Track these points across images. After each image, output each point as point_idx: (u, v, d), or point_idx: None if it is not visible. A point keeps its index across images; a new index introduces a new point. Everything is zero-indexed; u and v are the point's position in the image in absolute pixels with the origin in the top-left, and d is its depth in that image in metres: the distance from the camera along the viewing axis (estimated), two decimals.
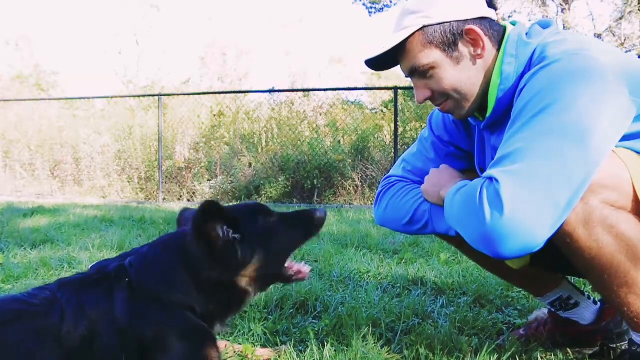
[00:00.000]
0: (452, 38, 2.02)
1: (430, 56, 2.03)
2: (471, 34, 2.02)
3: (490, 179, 1.73)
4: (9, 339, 1.86)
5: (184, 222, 2.31)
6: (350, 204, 12.08)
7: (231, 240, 2.05)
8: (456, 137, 2.45)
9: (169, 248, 2.14)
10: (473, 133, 2.39)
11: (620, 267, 1.84)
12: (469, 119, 2.27)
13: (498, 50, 2.07)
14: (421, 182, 2.40)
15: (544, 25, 2.10)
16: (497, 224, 1.66)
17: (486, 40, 2.04)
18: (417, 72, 2.09)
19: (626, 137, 1.88)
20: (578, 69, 1.77)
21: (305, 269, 2.23)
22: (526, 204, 1.65)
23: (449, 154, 2.47)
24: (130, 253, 2.21)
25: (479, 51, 2.04)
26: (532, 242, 1.67)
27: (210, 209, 2.01)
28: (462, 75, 2.05)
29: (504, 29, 2.11)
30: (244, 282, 2.10)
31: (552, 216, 1.68)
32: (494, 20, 2.11)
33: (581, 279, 3.00)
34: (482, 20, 2.06)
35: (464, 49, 2.04)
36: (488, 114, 2.11)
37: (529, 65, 1.98)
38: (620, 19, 18.51)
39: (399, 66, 2.21)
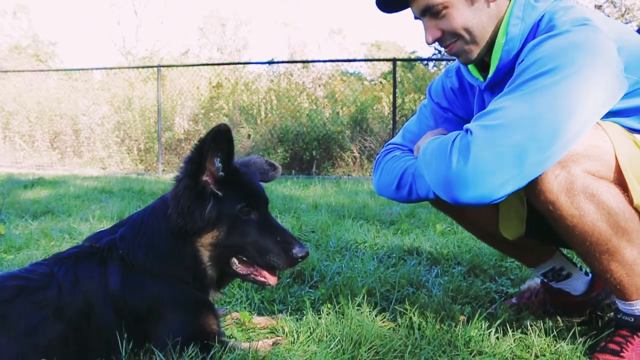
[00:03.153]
0: None
1: None
2: None
3: (467, 130, 1.78)
4: (12, 314, 1.90)
5: None
6: (348, 175, 12.10)
7: (211, 190, 2.05)
8: (454, 103, 2.47)
9: (155, 211, 2.16)
10: (470, 99, 2.41)
11: (601, 234, 1.88)
12: (471, 78, 2.27)
13: (509, 0, 2.06)
14: None
15: None
16: (460, 171, 1.72)
17: None
18: (430, 12, 2.05)
19: (614, 114, 1.92)
20: (582, 41, 1.79)
21: (271, 279, 2.14)
22: (490, 157, 1.69)
23: (446, 119, 2.49)
24: (124, 222, 2.24)
25: None
26: (489, 194, 1.72)
27: (222, 134, 1.97)
28: (475, 16, 2.03)
29: None
30: (202, 250, 2.08)
31: (512, 173, 1.71)
32: None
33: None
34: None
35: None
36: (490, 74, 2.12)
37: (535, 30, 1.99)
38: None
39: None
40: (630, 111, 1.96)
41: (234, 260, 2.11)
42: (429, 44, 2.13)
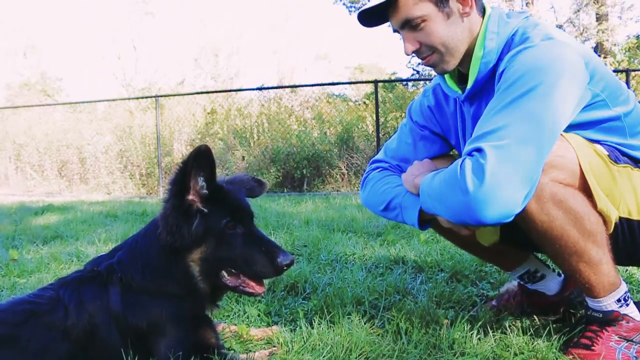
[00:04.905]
0: None
1: (423, 9, 2.03)
2: None
3: (473, 151, 1.77)
4: (25, 337, 1.90)
5: None
6: (337, 190, 12.11)
7: (197, 207, 2.03)
8: (430, 120, 2.50)
9: (148, 233, 2.15)
10: (446, 114, 2.44)
11: (569, 237, 1.91)
12: (450, 91, 2.30)
13: (482, 17, 2.12)
14: (400, 166, 2.45)
15: (519, 12, 2.18)
16: (477, 192, 1.69)
17: (474, 0, 2.08)
18: (408, 25, 2.08)
19: (575, 127, 1.96)
20: (556, 56, 1.84)
21: (258, 288, 2.11)
22: (506, 176, 1.69)
23: (423, 136, 2.51)
24: (121, 245, 2.22)
25: (467, 9, 2.06)
26: (509, 210, 1.72)
27: (202, 154, 1.97)
28: (450, 30, 2.07)
29: (484, 6, 2.15)
30: (192, 265, 2.06)
31: (526, 189, 1.74)
32: None
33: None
34: None
35: (454, 5, 2.06)
36: (469, 86, 2.14)
37: (509, 43, 2.04)
38: (579, 10, 18.61)
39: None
40: (589, 124, 2.01)
41: (223, 273, 2.09)
42: (407, 54, 2.16)
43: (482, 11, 2.13)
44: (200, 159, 1.97)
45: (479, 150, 1.75)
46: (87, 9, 43.29)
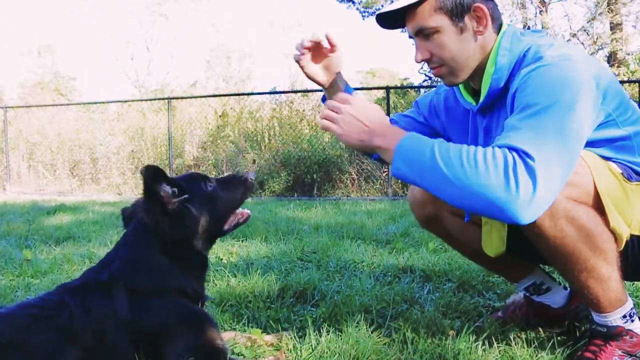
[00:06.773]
0: (461, 9, 2.06)
1: (438, 20, 2.06)
2: (478, 11, 2.07)
3: (521, 152, 1.69)
4: (32, 341, 1.88)
5: (129, 219, 2.41)
6: (347, 196, 12.15)
7: (182, 200, 2.17)
8: (430, 115, 2.63)
9: (141, 242, 2.21)
10: (453, 118, 2.52)
11: (581, 254, 1.94)
12: (464, 102, 2.34)
13: (497, 34, 2.14)
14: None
15: (534, 30, 2.22)
16: (527, 198, 1.64)
17: (489, 20, 2.10)
18: (422, 33, 2.12)
19: (588, 144, 1.98)
20: (574, 74, 1.84)
21: (245, 212, 2.43)
22: (545, 187, 1.66)
23: (414, 115, 2.68)
24: (112, 256, 2.23)
25: (481, 28, 2.09)
26: (536, 217, 1.72)
27: (153, 171, 2.10)
28: (461, 45, 2.10)
29: (501, 23, 2.18)
30: (200, 244, 2.25)
31: (552, 200, 1.75)
32: (497, 7, 2.17)
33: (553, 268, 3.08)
34: (489, 1, 2.12)
35: (468, 22, 2.08)
36: (481, 100, 2.19)
37: (521, 60, 2.06)
38: (593, 19, 18.55)
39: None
40: (601, 142, 2.03)
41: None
42: (417, 62, 2.20)
43: (499, 28, 2.16)
44: (155, 174, 2.12)
45: (530, 153, 1.67)
46: (102, 9, 43.59)
